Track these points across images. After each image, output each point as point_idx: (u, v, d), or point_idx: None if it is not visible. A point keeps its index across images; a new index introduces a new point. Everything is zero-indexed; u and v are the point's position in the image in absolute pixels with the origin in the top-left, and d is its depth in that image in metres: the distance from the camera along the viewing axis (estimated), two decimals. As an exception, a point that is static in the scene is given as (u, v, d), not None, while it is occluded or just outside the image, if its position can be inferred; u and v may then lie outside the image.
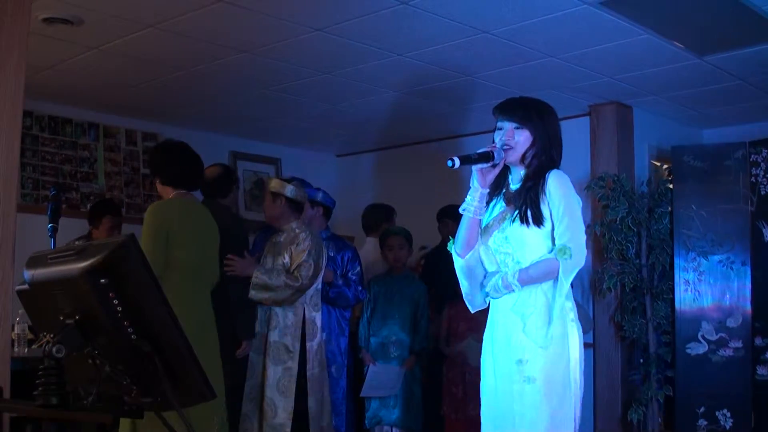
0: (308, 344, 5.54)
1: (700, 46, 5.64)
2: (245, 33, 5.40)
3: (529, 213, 3.36)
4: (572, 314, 3.41)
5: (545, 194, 3.37)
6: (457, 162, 3.28)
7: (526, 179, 3.45)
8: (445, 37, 5.46)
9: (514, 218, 3.39)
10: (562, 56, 5.81)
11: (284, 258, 5.55)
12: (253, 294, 5.43)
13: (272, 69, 6.13)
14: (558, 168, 3.49)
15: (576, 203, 3.43)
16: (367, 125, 8.03)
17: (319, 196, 6.23)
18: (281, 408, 5.39)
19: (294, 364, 5.47)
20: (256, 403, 5.45)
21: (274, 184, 5.71)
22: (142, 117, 7.62)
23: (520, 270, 3.36)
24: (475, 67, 6.09)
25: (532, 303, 3.37)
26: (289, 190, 5.70)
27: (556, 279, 3.34)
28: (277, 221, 5.70)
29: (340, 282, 6.02)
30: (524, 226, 3.36)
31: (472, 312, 3.68)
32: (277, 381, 5.41)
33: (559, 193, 3.37)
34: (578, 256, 3.33)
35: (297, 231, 5.67)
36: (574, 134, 7.03)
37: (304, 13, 5.08)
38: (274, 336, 5.47)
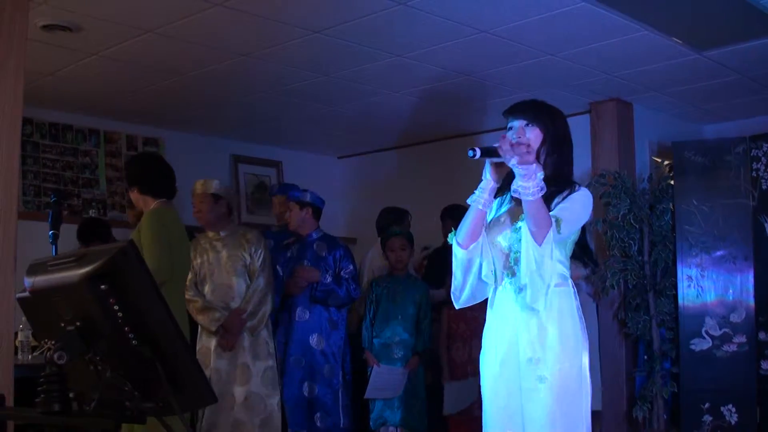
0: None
1: (698, 42, 5.64)
2: (244, 36, 5.40)
3: None
4: (581, 310, 3.42)
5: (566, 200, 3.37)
6: (478, 152, 3.28)
7: (548, 182, 3.44)
8: (443, 37, 5.46)
9: None
10: (561, 54, 5.81)
11: (245, 259, 5.62)
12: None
13: (272, 72, 6.13)
14: (572, 166, 3.53)
15: (584, 217, 3.43)
16: (368, 127, 8.03)
17: (308, 196, 6.24)
18: (268, 402, 5.49)
19: (273, 360, 5.69)
20: (225, 409, 5.47)
21: (215, 186, 5.77)
22: (142, 122, 7.62)
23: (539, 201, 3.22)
24: (475, 66, 6.09)
25: (547, 302, 3.36)
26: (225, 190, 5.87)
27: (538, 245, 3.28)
28: (220, 223, 5.76)
29: (328, 280, 6.03)
30: None
31: (457, 308, 3.66)
32: (262, 375, 5.50)
33: (577, 202, 3.37)
34: (562, 234, 3.30)
35: (242, 230, 5.84)
36: (575, 132, 6.82)
37: (302, 16, 5.08)
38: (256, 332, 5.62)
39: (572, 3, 4.87)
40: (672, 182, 6.63)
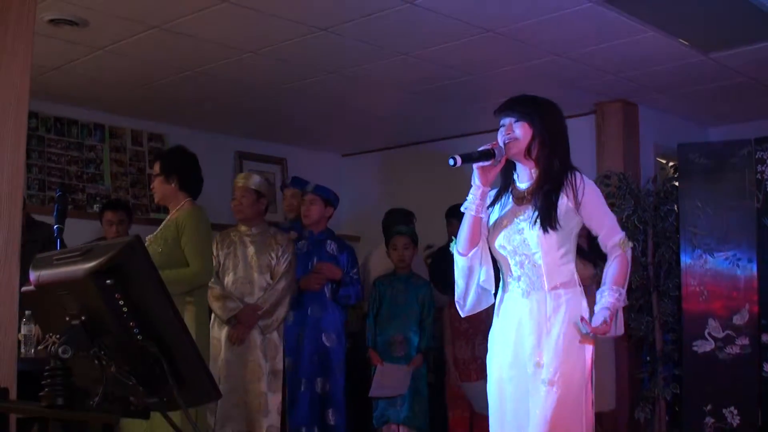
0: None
1: (705, 44, 5.64)
2: (250, 33, 5.40)
3: (549, 219, 3.35)
4: (588, 314, 3.41)
5: (579, 199, 3.37)
6: (459, 160, 3.27)
7: (543, 177, 3.44)
8: (450, 36, 5.46)
9: (534, 221, 3.37)
10: (567, 54, 5.81)
11: (271, 259, 5.62)
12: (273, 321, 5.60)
13: (277, 69, 6.13)
14: (569, 162, 3.51)
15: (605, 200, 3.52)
16: (372, 125, 8.04)
17: (333, 195, 6.26)
18: (271, 403, 5.49)
19: (281, 362, 5.66)
20: (239, 404, 5.47)
21: (257, 182, 5.81)
22: (147, 118, 7.63)
23: (617, 288, 3.38)
24: (481, 66, 6.09)
25: (554, 306, 3.36)
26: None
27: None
28: (255, 219, 5.77)
29: (348, 280, 6.05)
30: (542, 231, 3.35)
31: (462, 316, 3.68)
32: (269, 375, 5.50)
33: (597, 200, 3.43)
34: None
35: (272, 231, 5.85)
36: (580, 132, 7.01)
37: (309, 13, 5.08)
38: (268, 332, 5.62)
39: (579, 3, 4.87)
40: (676, 184, 6.63)
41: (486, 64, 6.04)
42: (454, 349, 6.35)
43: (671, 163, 7.32)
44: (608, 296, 3.36)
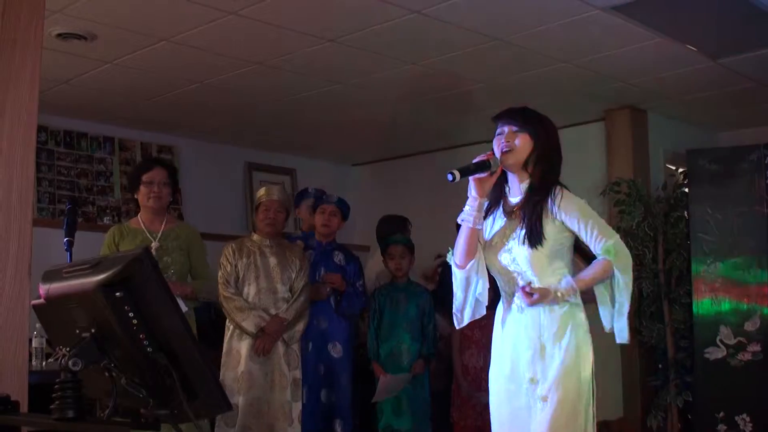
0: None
1: (713, 49, 5.63)
2: (258, 45, 5.42)
3: (535, 236, 3.33)
4: (586, 326, 3.39)
5: (555, 212, 3.35)
6: (458, 175, 3.27)
7: (532, 192, 3.42)
8: (458, 45, 5.46)
9: (523, 240, 3.37)
10: (575, 62, 5.81)
11: (291, 270, 5.61)
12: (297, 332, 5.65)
13: (286, 80, 6.14)
14: (559, 176, 3.50)
15: (591, 209, 3.43)
16: (382, 134, 8.04)
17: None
18: (294, 412, 5.50)
19: (300, 371, 5.64)
20: (260, 415, 5.47)
21: (284, 193, 5.87)
22: (157, 130, 7.64)
23: (576, 278, 3.33)
24: (489, 74, 6.09)
25: (549, 322, 3.35)
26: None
27: (611, 278, 3.35)
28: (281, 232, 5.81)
29: (350, 290, 6.02)
30: (530, 249, 3.34)
31: (457, 328, 3.67)
32: (292, 384, 5.52)
33: (574, 207, 3.36)
34: (625, 250, 3.36)
35: (285, 242, 5.85)
36: (589, 140, 7.01)
37: (316, 24, 5.09)
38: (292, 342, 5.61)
39: (587, 11, 4.87)
40: (686, 190, 6.61)
41: (494, 72, 6.04)
42: (465, 358, 6.32)
43: (681, 170, 7.31)
44: (564, 283, 3.32)
